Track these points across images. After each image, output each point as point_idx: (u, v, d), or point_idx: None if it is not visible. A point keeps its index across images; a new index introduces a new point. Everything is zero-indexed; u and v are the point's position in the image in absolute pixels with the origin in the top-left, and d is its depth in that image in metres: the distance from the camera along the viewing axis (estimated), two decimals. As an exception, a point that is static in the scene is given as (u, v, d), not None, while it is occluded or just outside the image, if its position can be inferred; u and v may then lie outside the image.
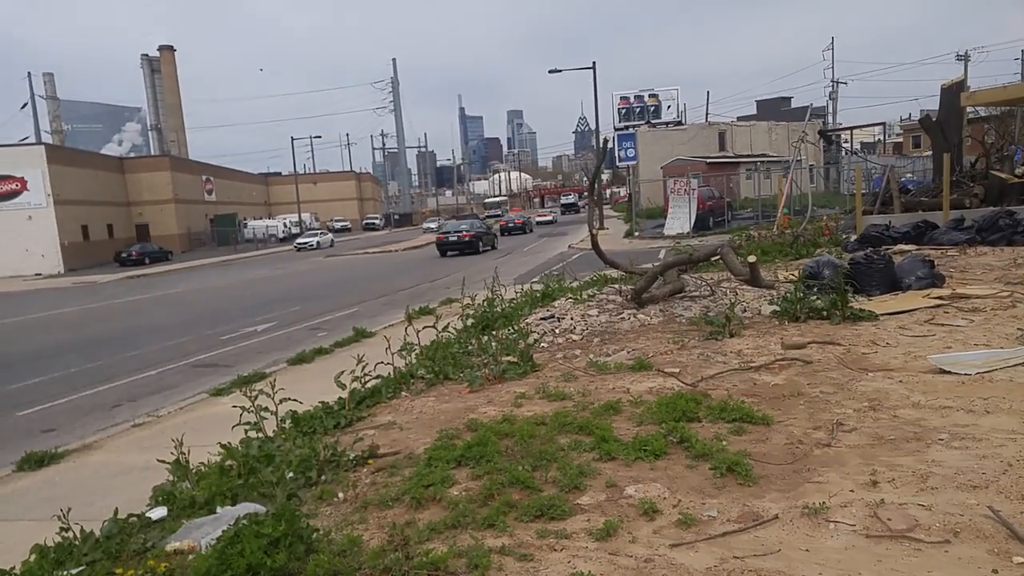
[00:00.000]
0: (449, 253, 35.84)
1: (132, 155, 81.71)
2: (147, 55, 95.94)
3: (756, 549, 3.80)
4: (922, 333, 8.39)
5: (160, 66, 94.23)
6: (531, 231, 51.13)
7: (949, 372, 6.62)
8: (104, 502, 5.87)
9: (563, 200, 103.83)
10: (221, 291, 27.75)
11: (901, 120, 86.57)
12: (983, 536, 3.70)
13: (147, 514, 5.07)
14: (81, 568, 4.27)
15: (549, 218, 69.21)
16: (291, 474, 5.37)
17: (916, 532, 3.79)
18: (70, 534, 4.54)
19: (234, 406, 6.58)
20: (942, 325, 8.68)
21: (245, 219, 74.41)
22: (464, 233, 36.33)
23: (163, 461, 5.62)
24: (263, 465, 5.45)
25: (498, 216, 73.27)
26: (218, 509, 4.86)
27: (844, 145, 52.75)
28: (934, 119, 25.43)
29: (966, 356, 6.98)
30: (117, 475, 6.89)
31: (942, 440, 5.03)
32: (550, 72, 45.52)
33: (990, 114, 37.68)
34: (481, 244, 36.42)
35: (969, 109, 27.54)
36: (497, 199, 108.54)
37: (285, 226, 74.63)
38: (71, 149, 61.40)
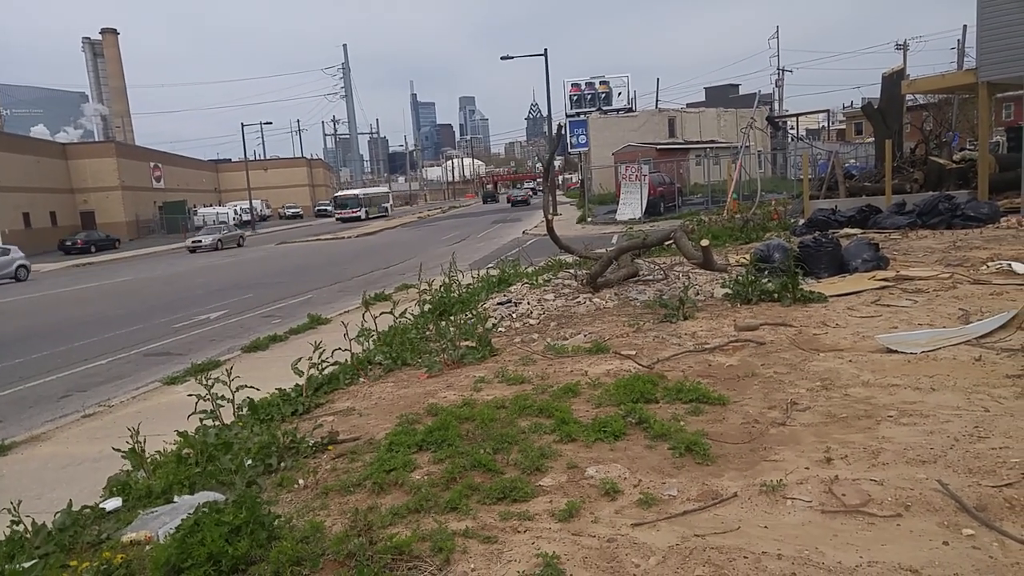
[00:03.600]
0: (514, 204, 70.70)
1: (76, 141, 79.11)
2: (89, 38, 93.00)
3: (716, 527, 3.88)
4: (869, 314, 8.63)
5: (103, 50, 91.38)
6: (530, 203, 70.61)
7: (896, 351, 6.83)
8: (55, 494, 5.75)
9: (526, 186, 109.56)
10: (171, 279, 27.15)
11: (844, 107, 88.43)
12: (933, 509, 3.82)
13: (101, 505, 4.97)
14: (34, 561, 4.16)
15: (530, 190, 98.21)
16: (250, 461, 5.31)
17: (869, 507, 3.90)
18: (21, 527, 4.43)
19: (189, 394, 6.46)
20: (888, 306, 8.93)
21: (195, 206, 72.90)
22: (522, 195, 75.15)
23: (118, 450, 5.50)
24: (221, 453, 5.37)
25: (358, 218, 66.99)
26: (176, 498, 4.77)
27: (790, 131, 53.69)
28: (875, 107, 26.02)
29: (912, 336, 7.19)
30: (68, 466, 6.72)
31: (891, 417, 5.19)
32: (502, 59, 45.37)
33: (928, 102, 38.75)
34: (527, 202, 71.11)
35: (909, 97, 28.29)
36: (355, 191, 77.94)
37: (236, 213, 73.21)
38: (10, 134, 59.32)
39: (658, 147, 51.55)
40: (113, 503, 5.01)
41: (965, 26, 50.79)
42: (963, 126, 39.50)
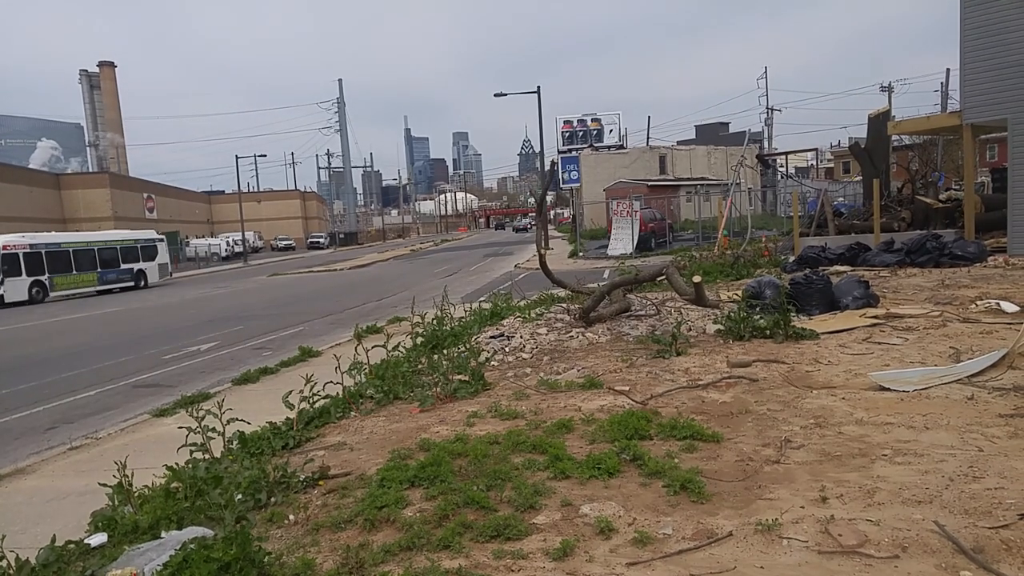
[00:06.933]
0: (517, 231, 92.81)
1: (69, 172, 79.14)
2: (86, 71, 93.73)
3: (712, 567, 3.84)
4: (861, 351, 8.65)
5: (100, 82, 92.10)
6: (529, 230, 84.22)
7: (889, 389, 6.84)
8: (39, 529, 5.64)
9: (522, 220, 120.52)
10: (162, 310, 26.99)
11: (831, 146, 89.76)
12: (930, 551, 3.80)
13: (86, 541, 4.87)
14: (17, 598, 4.08)
15: (528, 222, 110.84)
16: (240, 496, 5.23)
17: (866, 547, 3.87)
18: (3, 563, 4.33)
19: (179, 427, 6.40)
20: (879, 343, 8.97)
21: (187, 237, 72.92)
22: (524, 225, 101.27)
23: (104, 484, 5.42)
24: (211, 487, 5.29)
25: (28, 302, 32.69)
26: (163, 534, 4.69)
27: (780, 169, 54.29)
28: (863, 146, 26.38)
29: (904, 374, 7.21)
30: (53, 500, 6.60)
31: (886, 456, 5.18)
32: (495, 96, 45.63)
33: (914, 142, 39.33)
34: (527, 229, 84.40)
35: (895, 137, 28.72)
36: (26, 237, 34.69)
37: (228, 244, 73.33)
38: (3, 164, 59.35)
39: (649, 183, 52.03)
40: (98, 539, 4.91)
41: (948, 70, 51.93)
42: (948, 166, 40.09)
